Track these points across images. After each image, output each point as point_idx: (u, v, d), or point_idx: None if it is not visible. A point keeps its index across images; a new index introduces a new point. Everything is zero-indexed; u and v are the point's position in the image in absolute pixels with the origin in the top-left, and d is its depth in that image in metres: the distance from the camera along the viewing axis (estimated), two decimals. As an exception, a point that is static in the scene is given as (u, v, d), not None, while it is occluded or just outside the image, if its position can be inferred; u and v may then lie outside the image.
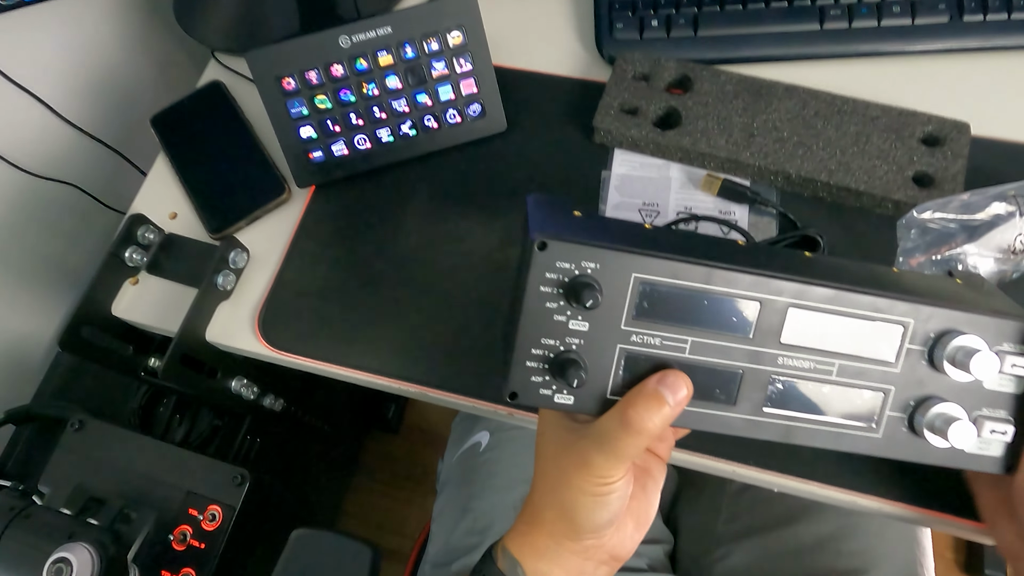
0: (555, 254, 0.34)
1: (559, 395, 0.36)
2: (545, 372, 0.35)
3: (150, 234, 0.59)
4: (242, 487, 0.60)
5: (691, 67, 0.61)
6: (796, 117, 0.58)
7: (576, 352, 0.35)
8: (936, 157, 0.55)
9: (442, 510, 0.66)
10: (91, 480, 0.61)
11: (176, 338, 0.54)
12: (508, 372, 0.35)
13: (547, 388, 0.36)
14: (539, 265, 0.34)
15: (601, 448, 0.34)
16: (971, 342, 0.35)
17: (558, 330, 0.35)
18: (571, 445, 0.36)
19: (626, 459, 0.35)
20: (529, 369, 0.35)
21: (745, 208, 0.58)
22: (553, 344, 0.35)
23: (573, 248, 0.34)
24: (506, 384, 0.36)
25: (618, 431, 0.34)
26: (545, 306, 0.34)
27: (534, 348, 0.35)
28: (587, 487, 0.35)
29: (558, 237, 0.33)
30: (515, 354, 0.35)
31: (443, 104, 0.60)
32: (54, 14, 0.77)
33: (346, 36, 0.56)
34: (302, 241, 0.60)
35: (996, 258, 0.52)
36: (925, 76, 0.61)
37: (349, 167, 0.61)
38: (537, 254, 0.33)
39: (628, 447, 0.34)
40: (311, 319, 0.57)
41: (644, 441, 0.34)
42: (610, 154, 0.61)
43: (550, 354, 0.35)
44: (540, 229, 0.34)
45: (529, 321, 0.35)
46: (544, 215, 0.37)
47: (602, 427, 0.35)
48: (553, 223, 0.35)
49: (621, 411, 0.34)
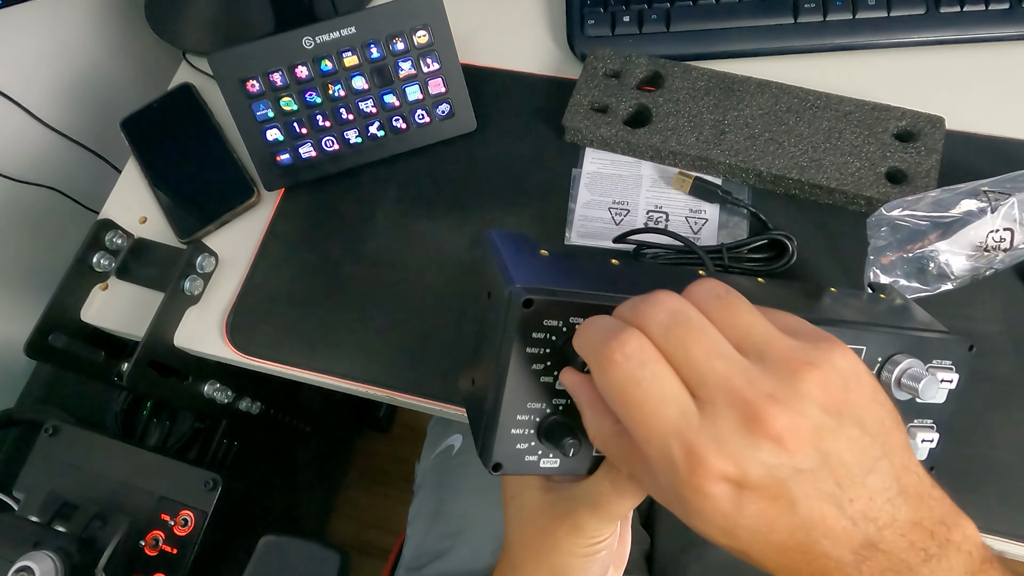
0: (541, 312, 0.30)
1: (545, 459, 0.33)
2: (531, 438, 0.32)
3: (118, 239, 0.59)
4: (214, 492, 0.60)
5: (662, 64, 0.60)
6: (768, 113, 0.57)
7: (563, 413, 0.32)
8: (909, 153, 0.54)
9: (417, 513, 0.66)
10: (65, 485, 0.61)
11: (141, 344, 0.53)
12: (491, 442, 0.32)
13: (533, 454, 0.33)
14: (525, 326, 0.30)
15: (594, 512, 0.32)
16: (914, 365, 0.37)
17: (544, 393, 0.32)
18: (553, 507, 0.34)
19: (618, 518, 0.33)
20: (514, 437, 0.32)
21: (716, 207, 0.57)
22: (540, 407, 0.32)
23: (560, 305, 0.30)
24: (488, 456, 0.32)
25: (611, 495, 0.31)
26: (531, 368, 0.31)
27: (519, 414, 0.32)
28: (577, 550, 0.34)
29: (544, 292, 0.30)
30: (499, 422, 0.31)
31: (411, 104, 0.59)
32: (31, 18, 0.77)
33: (310, 37, 0.56)
34: (271, 244, 0.60)
35: (968, 255, 0.51)
36: (901, 70, 0.60)
37: (317, 169, 0.60)
38: (522, 313, 0.29)
39: (621, 508, 0.32)
40: (279, 323, 0.56)
41: (638, 499, 0.32)
42: (581, 152, 0.60)
43: (536, 418, 0.32)
44: (520, 280, 0.30)
45: (513, 386, 0.31)
46: (516, 258, 0.33)
47: (591, 489, 0.32)
48: (527, 269, 0.32)
49: (613, 474, 0.31)
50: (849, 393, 0.24)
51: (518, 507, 0.36)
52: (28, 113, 0.79)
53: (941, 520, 0.25)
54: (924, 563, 0.24)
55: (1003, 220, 0.49)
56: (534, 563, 0.35)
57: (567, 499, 0.34)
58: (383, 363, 0.54)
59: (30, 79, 0.79)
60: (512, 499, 0.37)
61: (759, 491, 0.23)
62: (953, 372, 0.39)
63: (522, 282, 0.30)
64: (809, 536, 0.23)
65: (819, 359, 0.24)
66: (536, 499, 0.35)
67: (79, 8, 0.82)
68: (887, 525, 0.24)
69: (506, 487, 0.38)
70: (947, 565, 0.24)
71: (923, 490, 0.25)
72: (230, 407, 0.67)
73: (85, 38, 0.84)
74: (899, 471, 0.25)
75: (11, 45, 0.77)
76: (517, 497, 0.36)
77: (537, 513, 0.35)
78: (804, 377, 0.24)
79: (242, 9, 0.72)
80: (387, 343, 0.55)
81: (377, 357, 0.54)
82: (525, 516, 0.36)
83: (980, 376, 0.49)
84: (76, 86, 0.84)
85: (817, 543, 0.24)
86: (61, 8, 0.80)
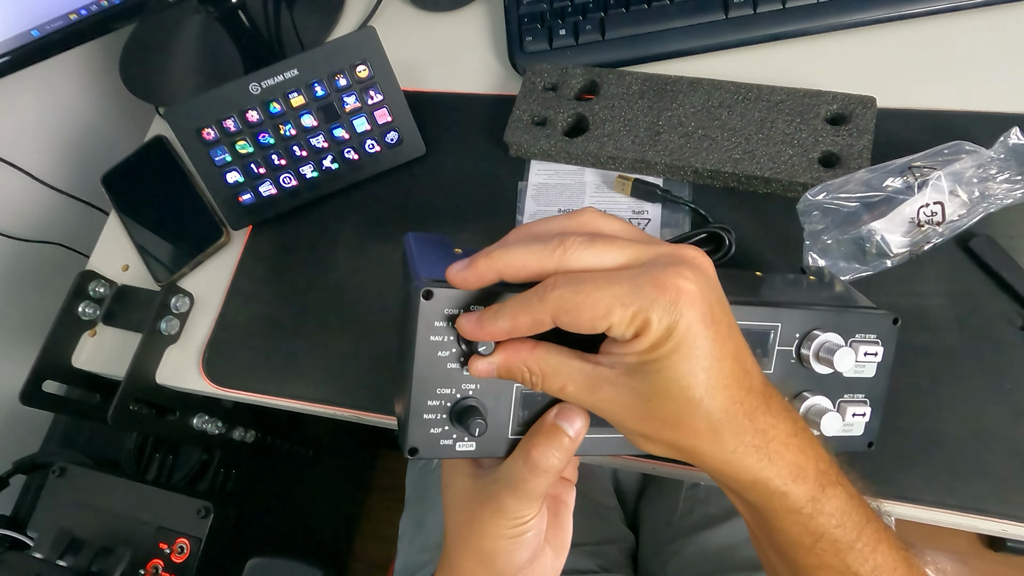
0: (442, 302, 0.32)
1: (460, 443, 0.35)
2: (444, 423, 0.34)
3: (101, 288, 0.63)
4: (207, 519, 0.63)
5: (597, 72, 0.61)
6: (701, 110, 0.58)
7: (474, 397, 0.34)
8: (842, 135, 0.55)
9: (404, 527, 0.68)
10: (73, 522, 0.65)
11: (122, 384, 0.57)
12: (406, 427, 0.34)
13: (447, 438, 0.35)
14: (426, 315, 0.32)
15: (513, 492, 0.34)
16: (831, 338, 0.38)
17: (453, 378, 0.34)
18: (479, 492, 0.36)
19: (538, 498, 0.35)
20: (427, 421, 0.34)
21: (658, 206, 0.58)
22: (449, 392, 0.34)
23: (458, 293, 0.32)
24: (405, 440, 0.34)
25: (524, 473, 0.33)
26: (437, 355, 0.33)
27: (430, 400, 0.34)
28: (502, 532, 0.35)
29: (443, 284, 0.32)
30: (411, 408, 0.34)
31: (360, 136, 0.62)
32: (25, 87, 0.82)
33: (255, 83, 0.59)
34: (241, 280, 0.63)
35: (904, 232, 0.51)
36: (832, 54, 0.61)
37: (279, 205, 0.64)
38: (423, 304, 0.32)
39: (537, 486, 0.34)
40: (251, 354, 0.60)
41: (552, 477, 0.34)
42: (526, 165, 0.62)
43: (447, 403, 0.34)
44: (423, 275, 0.33)
45: (422, 373, 0.33)
46: (425, 257, 0.36)
47: (509, 470, 0.34)
48: (434, 266, 0.34)
49: (525, 452, 0.34)
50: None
51: (452, 494, 0.38)
52: (29, 176, 0.85)
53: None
54: (784, 400, 0.33)
55: (932, 194, 0.50)
56: (465, 547, 0.37)
57: (490, 482, 0.35)
58: (348, 385, 0.56)
59: (28, 143, 0.85)
60: (447, 487, 0.39)
61: (714, 309, 0.29)
62: (879, 345, 0.40)
63: (426, 276, 0.33)
64: (741, 352, 0.31)
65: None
66: (465, 485, 0.37)
67: (65, 74, 0.88)
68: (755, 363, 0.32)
69: (443, 476, 0.40)
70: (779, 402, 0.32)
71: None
72: (223, 437, 0.70)
73: (74, 100, 0.89)
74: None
75: (9, 113, 0.82)
76: (450, 486, 0.38)
77: (466, 499, 0.37)
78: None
79: (210, 62, 0.76)
80: (351, 365, 0.57)
81: (342, 379, 0.57)
82: (456, 503, 0.38)
83: (925, 350, 0.49)
84: (69, 145, 0.89)
85: (743, 355, 0.31)
86: (50, 75, 0.86)
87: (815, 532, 0.32)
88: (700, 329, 0.28)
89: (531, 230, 0.33)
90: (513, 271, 0.30)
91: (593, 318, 0.28)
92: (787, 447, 0.31)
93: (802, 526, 0.32)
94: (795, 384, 0.39)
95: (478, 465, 0.37)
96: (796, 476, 0.31)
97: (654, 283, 0.28)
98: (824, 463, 0.32)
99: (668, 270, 0.29)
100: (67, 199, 0.90)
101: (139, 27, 0.80)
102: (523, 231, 0.33)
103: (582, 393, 0.31)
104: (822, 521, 0.32)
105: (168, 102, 0.74)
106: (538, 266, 0.30)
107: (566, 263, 0.30)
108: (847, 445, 0.41)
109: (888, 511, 0.47)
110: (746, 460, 0.31)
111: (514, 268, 0.30)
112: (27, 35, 0.63)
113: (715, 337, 0.29)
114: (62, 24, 0.64)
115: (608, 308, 0.28)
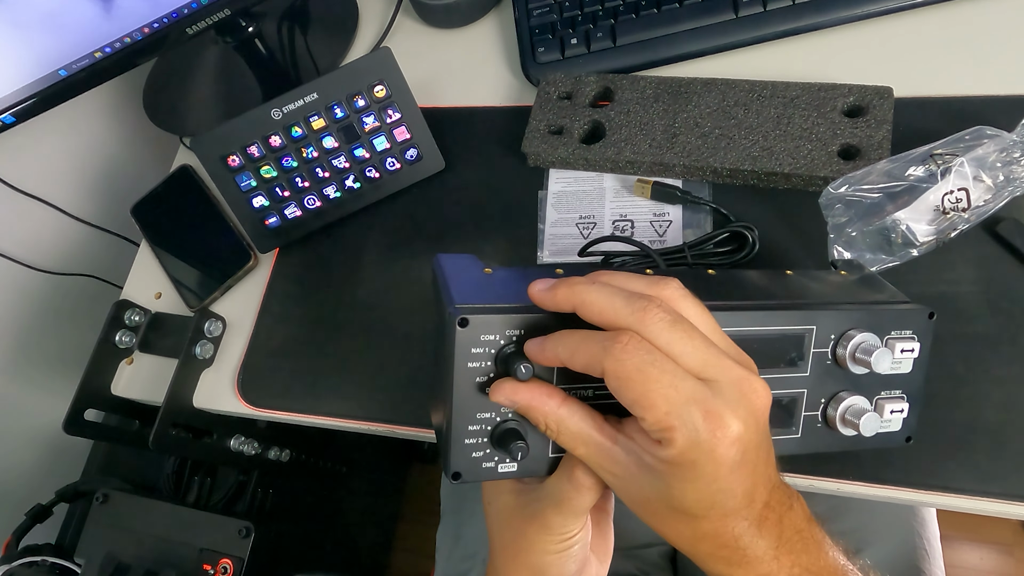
0: (478, 328, 0.33)
1: (502, 465, 0.35)
2: (485, 446, 0.35)
3: (136, 316, 0.65)
4: (248, 539, 0.64)
5: (611, 78, 0.62)
6: (716, 110, 0.58)
7: (514, 419, 0.35)
8: (860, 127, 0.55)
9: (441, 539, 0.69)
10: (118, 547, 0.67)
11: (161, 409, 0.58)
12: (448, 454, 0.34)
13: (489, 461, 0.35)
14: (463, 342, 0.33)
15: (558, 509, 0.35)
16: (867, 339, 0.38)
17: (492, 403, 0.34)
18: (523, 509, 0.37)
19: (582, 513, 0.35)
20: (469, 446, 0.34)
21: (679, 208, 0.58)
22: (489, 416, 0.34)
23: (495, 319, 0.33)
24: (447, 466, 0.35)
25: (569, 491, 0.34)
26: (475, 381, 0.34)
27: (470, 425, 0.34)
28: (550, 547, 0.36)
29: (478, 310, 0.33)
30: (452, 434, 0.34)
31: (380, 154, 0.63)
32: (51, 125, 0.85)
33: (277, 109, 0.60)
34: (271, 302, 0.64)
35: (929, 220, 0.51)
36: (845, 47, 0.61)
37: (304, 227, 0.65)
38: (459, 332, 0.32)
39: (582, 503, 0.34)
40: (284, 375, 0.61)
41: (597, 494, 0.34)
42: (545, 174, 0.63)
43: (487, 427, 0.34)
44: (458, 301, 0.33)
45: (461, 399, 0.34)
46: (458, 279, 0.36)
47: (553, 488, 0.35)
48: (468, 290, 0.35)
49: (569, 471, 0.34)
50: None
51: (495, 512, 0.39)
52: (59, 210, 0.87)
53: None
54: (788, 511, 0.33)
55: (956, 180, 0.49)
56: (513, 564, 0.38)
57: (534, 500, 0.36)
58: (379, 400, 0.57)
59: (56, 179, 0.87)
60: (489, 504, 0.39)
61: (748, 451, 0.30)
62: (915, 341, 0.40)
63: (461, 302, 0.33)
64: (756, 489, 0.31)
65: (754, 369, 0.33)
66: (509, 503, 0.38)
67: (90, 110, 0.90)
68: (775, 485, 0.33)
69: (484, 494, 0.40)
70: (797, 511, 0.34)
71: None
72: (259, 457, 0.71)
73: (99, 135, 0.92)
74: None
75: (38, 152, 0.85)
76: (493, 503, 0.39)
77: (510, 516, 0.38)
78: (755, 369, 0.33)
79: (229, 90, 0.78)
80: (382, 380, 0.58)
81: (375, 395, 0.58)
82: (501, 520, 0.38)
83: (957, 338, 0.49)
84: (97, 179, 0.92)
85: (757, 492, 0.31)
86: (75, 112, 0.88)
87: None
88: (722, 466, 0.29)
89: (615, 279, 0.33)
90: (587, 309, 0.31)
91: (634, 403, 0.29)
92: (760, 562, 0.32)
93: None
94: (831, 385, 0.39)
95: (520, 482, 0.38)
96: None
97: (706, 415, 0.29)
98: (799, 568, 0.33)
99: (722, 404, 0.29)
100: (97, 231, 0.92)
101: (160, 61, 0.82)
102: (606, 276, 0.33)
103: (591, 460, 0.33)
104: None
105: (191, 132, 0.76)
106: (613, 317, 0.30)
107: (643, 330, 0.30)
108: (885, 442, 0.40)
109: (930, 503, 0.46)
110: (714, 565, 0.33)
111: (589, 308, 0.31)
112: (55, 75, 0.65)
113: (732, 475, 0.30)
114: (88, 63, 0.66)
115: (653, 405, 0.29)
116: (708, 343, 0.30)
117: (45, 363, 0.89)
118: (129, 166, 0.95)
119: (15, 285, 0.84)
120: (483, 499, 0.40)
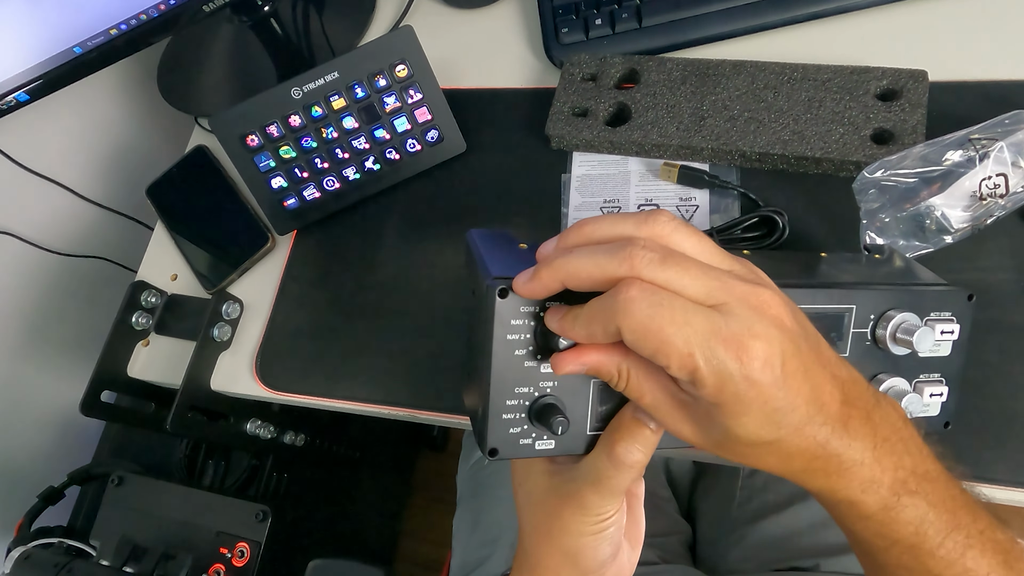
0: (517, 299, 0.31)
1: (540, 441, 0.34)
2: (523, 422, 0.34)
3: (152, 298, 0.64)
4: (264, 522, 0.63)
5: (637, 60, 0.61)
6: (746, 93, 0.57)
7: (552, 395, 0.34)
8: (893, 111, 0.53)
9: (458, 525, 0.68)
10: (134, 530, 0.66)
11: (180, 392, 0.58)
12: (485, 429, 0.33)
13: (527, 437, 0.34)
14: (502, 313, 0.32)
15: (596, 488, 0.34)
16: (908, 318, 0.37)
17: (530, 376, 0.33)
18: (558, 489, 0.35)
19: (620, 493, 0.34)
20: (506, 422, 0.33)
21: (706, 192, 0.57)
22: (527, 391, 0.33)
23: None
24: (484, 442, 0.34)
25: (609, 469, 0.33)
26: (514, 354, 0.33)
27: (508, 399, 0.33)
28: (585, 528, 0.35)
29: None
30: (490, 408, 0.33)
31: (401, 135, 0.62)
32: (64, 104, 0.84)
33: (297, 88, 0.59)
34: (289, 285, 0.63)
35: (965, 206, 0.50)
36: (877, 29, 0.59)
37: (323, 208, 0.64)
38: (499, 303, 0.31)
39: (622, 482, 0.33)
40: (302, 357, 0.60)
41: (636, 472, 0.33)
42: (569, 157, 0.62)
43: (525, 402, 0.33)
44: (496, 273, 0.32)
45: (499, 373, 0.33)
46: (493, 253, 0.35)
47: (591, 466, 0.34)
48: (504, 263, 0.33)
49: (608, 447, 0.33)
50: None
51: (526, 492, 0.38)
52: (73, 192, 0.86)
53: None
54: (876, 407, 0.31)
55: (994, 166, 0.48)
56: (546, 546, 0.36)
57: (569, 480, 0.35)
58: (400, 383, 0.57)
59: (70, 161, 0.86)
60: (520, 485, 0.38)
61: (787, 361, 0.28)
62: (954, 323, 0.39)
63: (498, 274, 0.32)
64: (821, 391, 0.29)
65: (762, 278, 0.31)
66: (542, 483, 0.36)
67: (103, 90, 0.89)
68: (847, 380, 0.30)
69: (514, 475, 0.39)
70: (886, 408, 0.32)
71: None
72: (274, 441, 0.71)
73: (113, 115, 0.91)
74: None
75: (50, 131, 0.84)
76: (525, 483, 0.38)
77: (544, 496, 0.36)
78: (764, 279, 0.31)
79: (244, 70, 0.77)
80: (402, 364, 0.57)
81: (394, 378, 0.57)
82: (533, 501, 0.37)
83: (993, 327, 0.48)
84: (110, 160, 0.91)
85: (824, 393, 0.29)
86: (88, 92, 0.87)
87: (889, 537, 0.31)
88: (766, 387, 0.27)
89: (595, 231, 0.31)
90: (576, 281, 0.29)
91: (656, 352, 0.27)
92: (860, 466, 0.30)
93: (874, 531, 0.31)
94: (871, 366, 0.38)
95: (552, 462, 0.37)
96: (866, 488, 0.30)
97: (725, 344, 0.27)
98: (904, 472, 0.30)
99: (738, 327, 0.27)
100: (111, 214, 0.91)
101: (174, 40, 0.81)
102: (585, 231, 0.31)
103: (659, 409, 0.31)
104: (897, 528, 0.31)
105: (206, 112, 0.75)
106: (603, 276, 0.29)
107: (639, 275, 0.28)
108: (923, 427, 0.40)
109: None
110: (814, 480, 0.30)
111: (578, 279, 0.29)
112: (69, 52, 0.64)
113: (783, 391, 0.28)
114: (103, 40, 0.65)
115: (674, 349, 0.27)
116: (705, 268, 0.28)
117: (56, 345, 0.88)
118: (142, 147, 0.94)
119: (27, 266, 0.83)
120: (513, 480, 0.39)
